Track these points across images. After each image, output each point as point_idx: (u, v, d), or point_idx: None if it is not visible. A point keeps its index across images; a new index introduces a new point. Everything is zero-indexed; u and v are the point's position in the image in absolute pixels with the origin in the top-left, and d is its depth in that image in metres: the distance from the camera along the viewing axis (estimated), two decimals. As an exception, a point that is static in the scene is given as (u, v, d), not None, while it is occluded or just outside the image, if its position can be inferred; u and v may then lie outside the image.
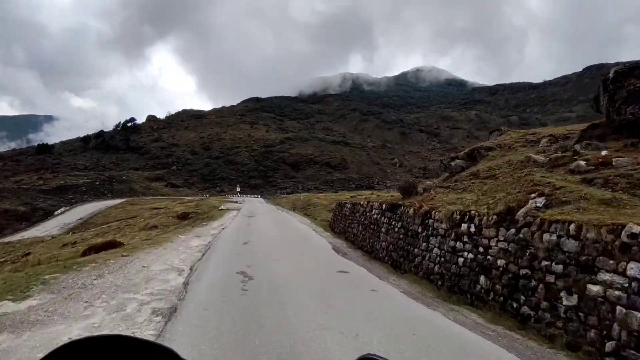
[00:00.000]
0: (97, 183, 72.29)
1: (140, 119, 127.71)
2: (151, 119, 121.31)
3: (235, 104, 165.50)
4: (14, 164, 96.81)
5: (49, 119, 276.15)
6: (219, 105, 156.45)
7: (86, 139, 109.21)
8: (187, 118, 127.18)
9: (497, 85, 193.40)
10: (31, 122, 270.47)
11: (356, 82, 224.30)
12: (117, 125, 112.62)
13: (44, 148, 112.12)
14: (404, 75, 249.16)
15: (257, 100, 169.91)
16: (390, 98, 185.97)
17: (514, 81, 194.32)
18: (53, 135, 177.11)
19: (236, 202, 38.78)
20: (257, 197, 68.77)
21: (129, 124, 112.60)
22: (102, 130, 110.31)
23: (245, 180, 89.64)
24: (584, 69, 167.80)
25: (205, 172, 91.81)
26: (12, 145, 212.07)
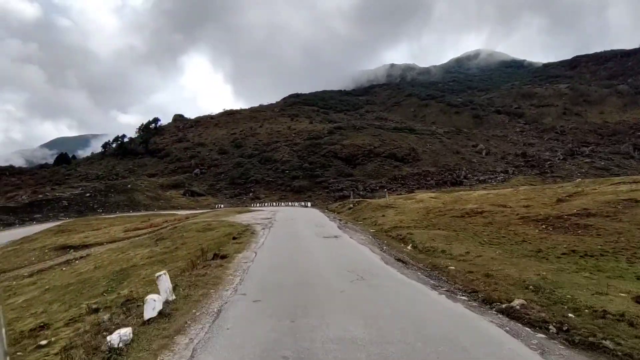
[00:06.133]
0: (88, 195, 50.65)
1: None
2: (177, 118, 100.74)
3: (273, 102, 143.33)
4: (27, 178, 79.18)
5: (99, 136, 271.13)
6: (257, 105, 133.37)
7: (105, 146, 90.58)
8: (219, 115, 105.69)
9: (577, 57, 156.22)
10: (81, 141, 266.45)
11: (404, 72, 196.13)
12: (139, 128, 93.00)
13: (62, 159, 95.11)
14: (452, 62, 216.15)
15: (297, 95, 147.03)
16: (445, 84, 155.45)
17: (596, 51, 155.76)
18: (98, 150, 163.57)
19: (254, 228, 13.86)
20: (306, 206, 43.92)
21: (152, 125, 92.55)
22: (123, 135, 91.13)
23: (286, 183, 65.09)
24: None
25: (235, 174, 68.37)
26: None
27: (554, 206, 13.33)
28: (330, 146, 74.09)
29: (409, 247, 11.50)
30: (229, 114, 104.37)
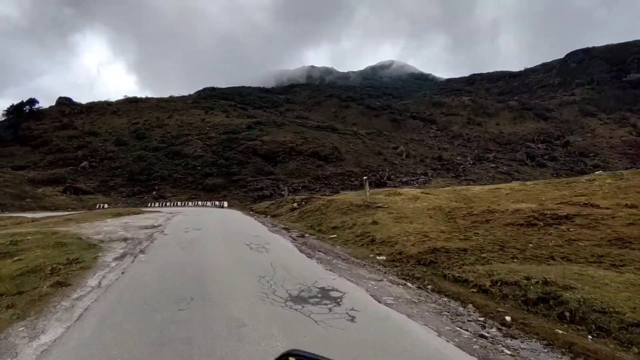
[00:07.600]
0: None
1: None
2: (63, 102, 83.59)
3: (186, 95, 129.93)
4: None
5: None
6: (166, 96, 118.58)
7: (-46, 129, 70.40)
8: (119, 103, 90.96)
9: (474, 75, 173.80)
10: None
11: (323, 75, 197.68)
12: (7, 110, 74.35)
13: None
14: (369, 70, 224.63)
15: (213, 89, 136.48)
16: (363, 89, 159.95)
17: (489, 71, 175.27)
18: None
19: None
20: (222, 206, 37.66)
21: (25, 108, 74.84)
22: (-17, 117, 71.86)
23: (198, 180, 56.94)
24: (567, 55, 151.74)
25: (135, 169, 57.69)
26: None
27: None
28: (249, 142, 67.66)
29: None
30: (131, 102, 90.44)
